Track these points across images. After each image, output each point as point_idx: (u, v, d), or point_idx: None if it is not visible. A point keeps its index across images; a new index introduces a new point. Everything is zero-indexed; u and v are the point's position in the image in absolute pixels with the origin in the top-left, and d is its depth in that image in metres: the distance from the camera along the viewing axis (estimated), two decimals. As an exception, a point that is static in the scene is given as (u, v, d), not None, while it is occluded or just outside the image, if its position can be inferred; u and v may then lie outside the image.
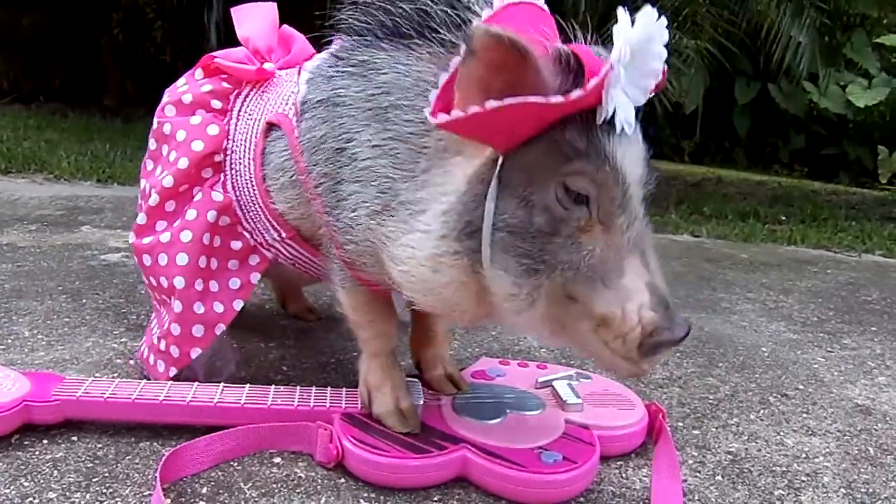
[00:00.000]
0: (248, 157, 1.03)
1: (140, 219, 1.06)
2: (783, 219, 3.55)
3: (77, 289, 1.52)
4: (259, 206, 1.02)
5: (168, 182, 1.03)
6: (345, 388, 1.00)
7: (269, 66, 1.10)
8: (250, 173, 1.02)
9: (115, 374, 1.11)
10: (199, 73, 1.12)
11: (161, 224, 1.05)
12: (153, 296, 1.10)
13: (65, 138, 3.71)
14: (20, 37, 5.22)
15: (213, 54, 1.11)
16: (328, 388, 1.00)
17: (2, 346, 1.19)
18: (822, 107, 6.42)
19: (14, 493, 0.80)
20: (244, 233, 1.05)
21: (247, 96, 1.08)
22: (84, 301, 1.44)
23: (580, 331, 0.73)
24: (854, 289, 2.16)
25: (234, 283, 1.04)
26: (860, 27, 6.21)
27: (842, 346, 1.58)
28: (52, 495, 0.80)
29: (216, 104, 1.08)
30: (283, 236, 1.02)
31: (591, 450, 0.90)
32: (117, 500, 0.80)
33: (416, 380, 1.02)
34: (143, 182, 1.12)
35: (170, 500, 0.80)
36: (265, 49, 1.13)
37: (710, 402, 1.21)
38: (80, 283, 1.56)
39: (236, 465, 0.89)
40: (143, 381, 0.98)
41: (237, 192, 1.03)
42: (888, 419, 1.20)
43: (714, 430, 1.11)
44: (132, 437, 0.93)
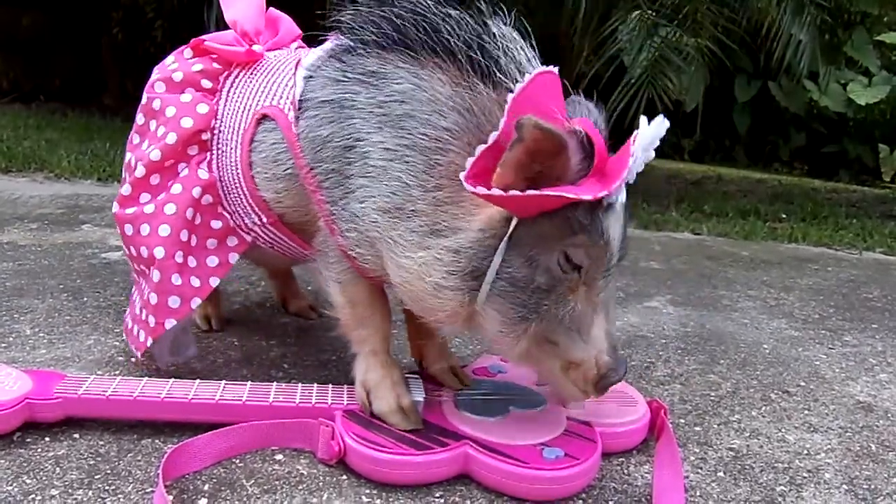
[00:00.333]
0: (234, 141, 1.04)
1: (125, 190, 1.08)
2: (784, 217, 3.54)
3: (78, 287, 1.52)
4: (242, 190, 1.04)
5: (155, 156, 1.05)
6: (346, 386, 1.00)
7: (257, 48, 1.12)
8: (236, 158, 1.03)
9: (117, 372, 1.11)
10: (188, 52, 1.14)
11: (145, 196, 1.07)
12: (133, 267, 1.12)
13: (65, 137, 3.71)
14: (20, 36, 5.22)
15: (203, 37, 1.12)
16: (329, 385, 1.00)
17: (3, 345, 1.19)
18: (822, 105, 6.42)
19: (16, 490, 0.80)
20: (224, 213, 1.07)
21: (235, 78, 1.09)
22: (85, 299, 1.44)
23: (551, 366, 0.86)
24: (855, 286, 2.16)
25: (212, 260, 1.06)
26: (861, 25, 6.21)
27: (843, 343, 1.58)
28: (54, 492, 0.80)
29: (206, 84, 1.09)
30: (263, 221, 1.04)
31: (592, 446, 0.90)
32: (119, 497, 0.80)
33: (416, 376, 1.02)
34: (128, 155, 1.14)
35: (172, 497, 0.80)
36: (253, 31, 1.15)
37: (712, 398, 1.21)
38: (81, 281, 1.56)
39: (238, 462, 0.89)
40: (145, 378, 0.98)
41: (220, 173, 1.05)
42: (890, 416, 1.20)
43: (716, 426, 1.11)
44: (134, 434, 0.94)
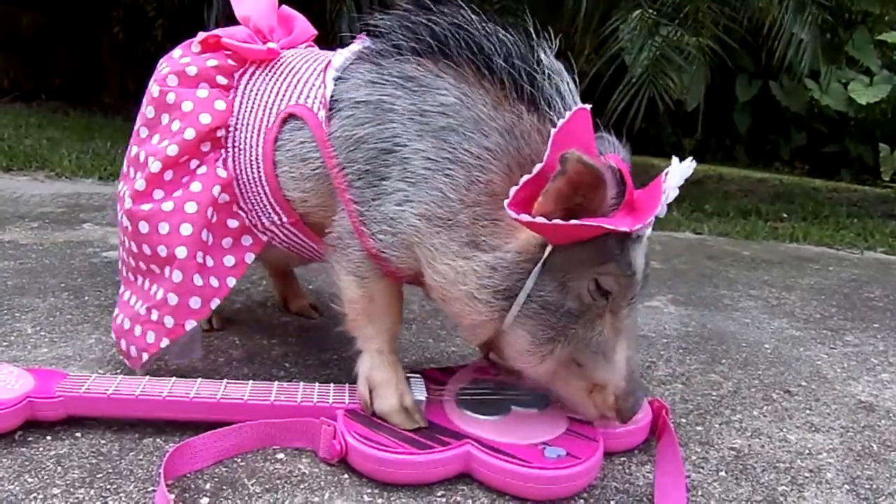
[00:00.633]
0: (255, 139, 1.03)
1: (139, 185, 1.04)
2: (785, 216, 3.54)
3: (79, 286, 1.52)
4: (262, 189, 1.03)
5: (172, 151, 1.03)
6: (348, 385, 1.00)
7: (272, 45, 1.10)
8: (258, 156, 1.02)
9: (118, 371, 1.11)
10: (196, 46, 1.12)
11: (158, 193, 1.04)
12: (135, 265, 1.08)
13: (66, 136, 3.71)
14: (21, 35, 5.22)
15: (217, 32, 1.10)
16: (331, 384, 1.00)
17: (5, 343, 1.19)
18: (823, 104, 6.42)
19: (18, 488, 0.80)
20: (240, 212, 1.06)
21: (251, 75, 1.08)
22: (86, 298, 1.44)
23: (575, 387, 0.90)
24: (856, 286, 2.15)
25: (229, 260, 1.05)
26: (862, 24, 6.20)
27: (844, 342, 1.58)
28: (55, 491, 0.80)
29: (221, 80, 1.08)
30: (284, 221, 1.03)
31: (594, 446, 0.90)
32: (121, 495, 0.80)
33: (418, 375, 1.02)
34: (134, 149, 1.11)
35: (173, 496, 0.80)
36: (267, 29, 1.13)
37: (714, 398, 1.21)
38: (82, 280, 1.56)
39: (240, 461, 0.89)
40: (147, 377, 0.98)
41: (237, 171, 1.04)
42: (891, 416, 1.20)
43: (717, 426, 1.11)
44: (135, 433, 0.94)
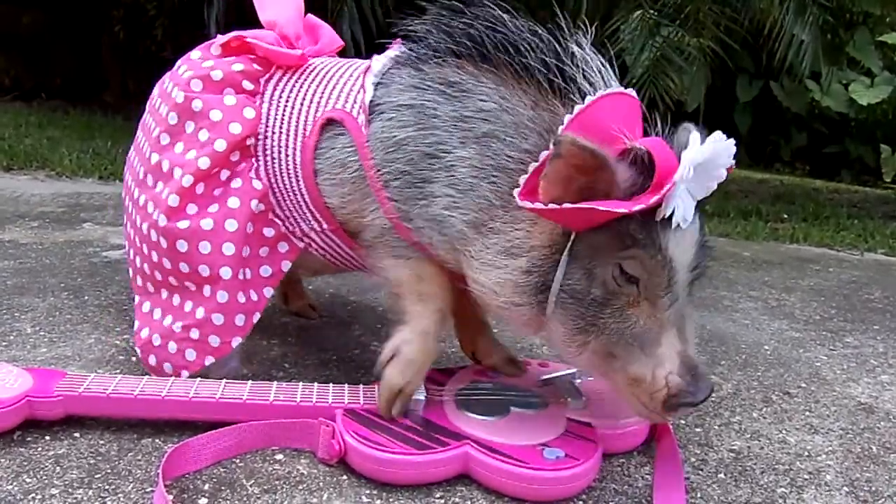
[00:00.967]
0: (291, 148, 1.01)
1: (172, 201, 1.01)
2: (785, 217, 3.54)
3: (79, 285, 1.52)
4: (301, 197, 1.02)
5: (204, 164, 1.00)
6: (347, 385, 1.00)
7: (300, 52, 1.08)
8: (295, 164, 1.01)
9: (118, 371, 1.11)
10: (216, 49, 1.09)
11: (192, 207, 1.01)
12: (163, 279, 1.04)
13: (66, 135, 3.70)
14: (21, 34, 5.22)
15: (243, 34, 1.07)
16: (330, 384, 1.00)
17: (4, 343, 1.19)
18: (824, 105, 6.41)
19: (16, 489, 0.80)
20: (276, 220, 1.05)
21: (279, 81, 1.06)
22: (86, 298, 1.44)
23: (616, 381, 0.87)
24: (857, 287, 2.15)
25: (266, 270, 1.04)
26: (863, 25, 6.19)
27: (844, 344, 1.58)
28: (54, 491, 0.80)
29: (247, 85, 1.05)
30: (324, 227, 1.03)
31: (593, 447, 0.90)
32: (119, 496, 0.80)
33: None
34: (155, 156, 1.05)
35: (172, 497, 0.80)
36: (293, 35, 1.11)
37: (713, 399, 1.21)
38: (82, 279, 1.56)
39: (238, 461, 0.89)
40: (146, 377, 0.98)
41: (272, 180, 1.03)
42: (891, 417, 1.20)
43: (716, 427, 1.11)
44: (134, 433, 0.94)
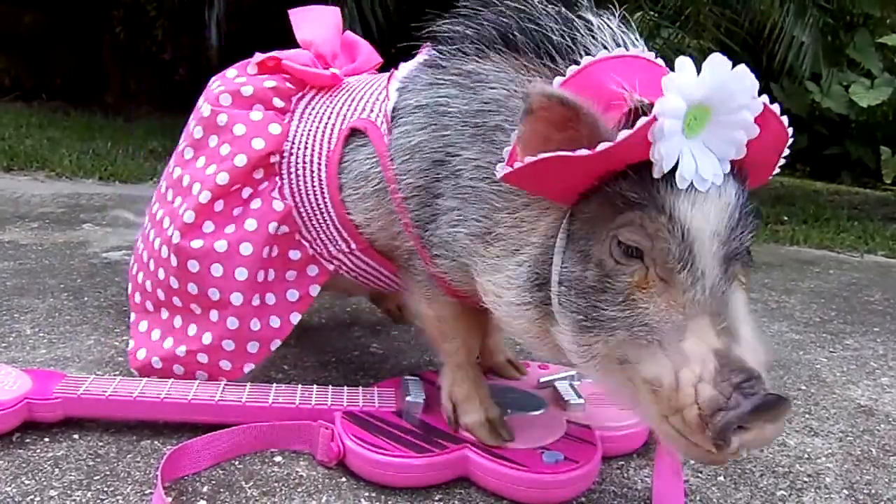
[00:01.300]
0: (316, 163, 0.98)
1: (187, 217, 0.98)
2: (785, 219, 3.53)
3: (79, 287, 1.51)
4: (328, 215, 0.97)
5: (223, 179, 0.97)
6: (346, 387, 0.99)
7: (335, 71, 1.06)
8: (320, 180, 0.97)
9: (117, 372, 1.11)
10: (252, 68, 1.08)
11: (209, 226, 0.98)
12: (165, 300, 1.03)
13: (66, 136, 3.71)
14: (22, 34, 5.22)
15: (277, 55, 1.06)
16: (329, 386, 1.00)
17: (3, 344, 1.19)
18: (824, 107, 6.41)
19: (15, 491, 0.80)
20: (303, 241, 1.00)
21: (311, 99, 1.04)
22: (85, 299, 1.44)
23: (636, 397, 0.67)
24: (857, 289, 2.15)
25: (293, 294, 1.00)
26: (863, 27, 6.19)
27: (844, 346, 1.58)
28: (53, 493, 0.80)
29: (278, 102, 1.03)
30: (352, 248, 0.98)
31: (592, 450, 0.90)
32: (118, 498, 0.80)
33: (416, 378, 1.02)
34: (177, 170, 1.05)
35: (171, 499, 0.79)
36: (330, 54, 1.09)
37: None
38: (81, 280, 1.56)
39: (237, 463, 0.89)
40: (145, 379, 0.97)
41: (297, 199, 0.99)
42: (891, 420, 1.20)
43: (716, 430, 1.10)
44: (133, 435, 0.93)
